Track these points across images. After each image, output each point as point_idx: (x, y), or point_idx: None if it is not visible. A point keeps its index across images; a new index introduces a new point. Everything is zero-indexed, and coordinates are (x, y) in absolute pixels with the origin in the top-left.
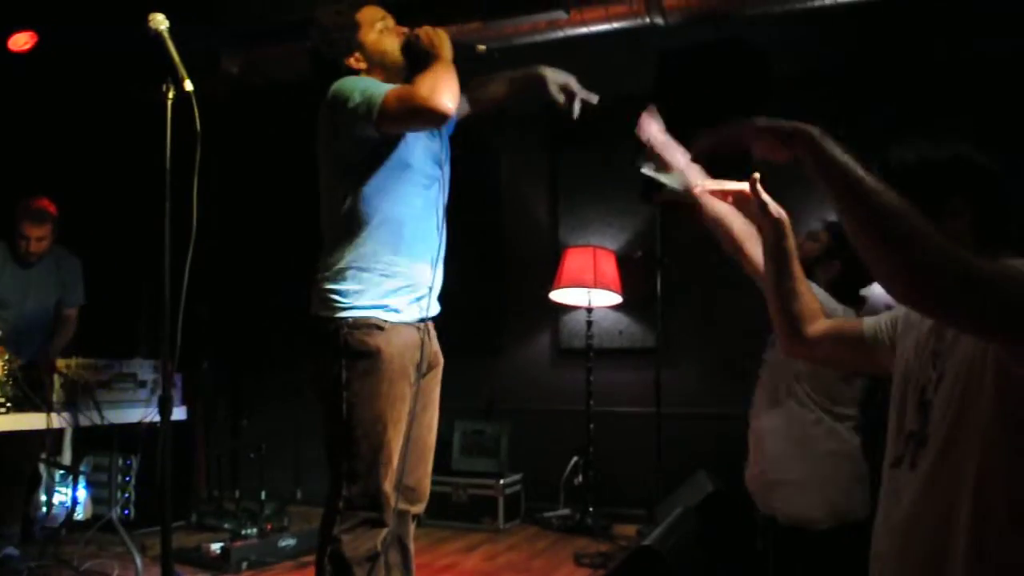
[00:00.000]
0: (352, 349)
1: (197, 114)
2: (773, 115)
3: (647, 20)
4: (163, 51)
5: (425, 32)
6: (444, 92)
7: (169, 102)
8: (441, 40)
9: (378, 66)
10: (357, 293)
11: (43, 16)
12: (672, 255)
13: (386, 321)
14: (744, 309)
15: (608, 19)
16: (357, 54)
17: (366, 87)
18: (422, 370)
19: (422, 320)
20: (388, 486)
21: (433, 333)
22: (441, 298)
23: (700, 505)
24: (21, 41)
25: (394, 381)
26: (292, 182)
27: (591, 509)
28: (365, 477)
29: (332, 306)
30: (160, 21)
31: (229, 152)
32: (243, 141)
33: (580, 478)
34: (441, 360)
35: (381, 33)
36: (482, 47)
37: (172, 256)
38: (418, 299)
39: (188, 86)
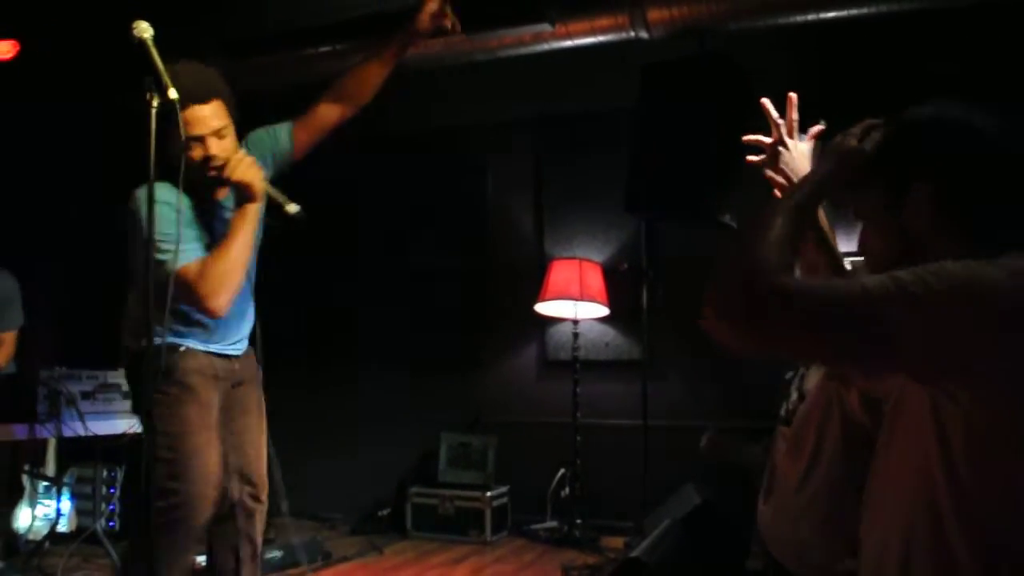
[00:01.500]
0: None
1: (181, 122)
2: (755, 130)
3: (631, 34)
4: (147, 59)
5: (235, 168)
6: (225, 293)
7: (153, 110)
8: (252, 178)
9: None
10: None
11: (26, 25)
12: (658, 267)
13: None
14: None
15: (593, 32)
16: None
17: (164, 239)
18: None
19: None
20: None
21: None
22: (425, 311)
23: (687, 517)
24: (3, 49)
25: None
26: (286, 195)
27: (578, 521)
28: None
29: None
30: (144, 29)
31: None
32: None
33: (567, 490)
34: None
35: (199, 144)
36: (293, 208)
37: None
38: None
39: (173, 94)
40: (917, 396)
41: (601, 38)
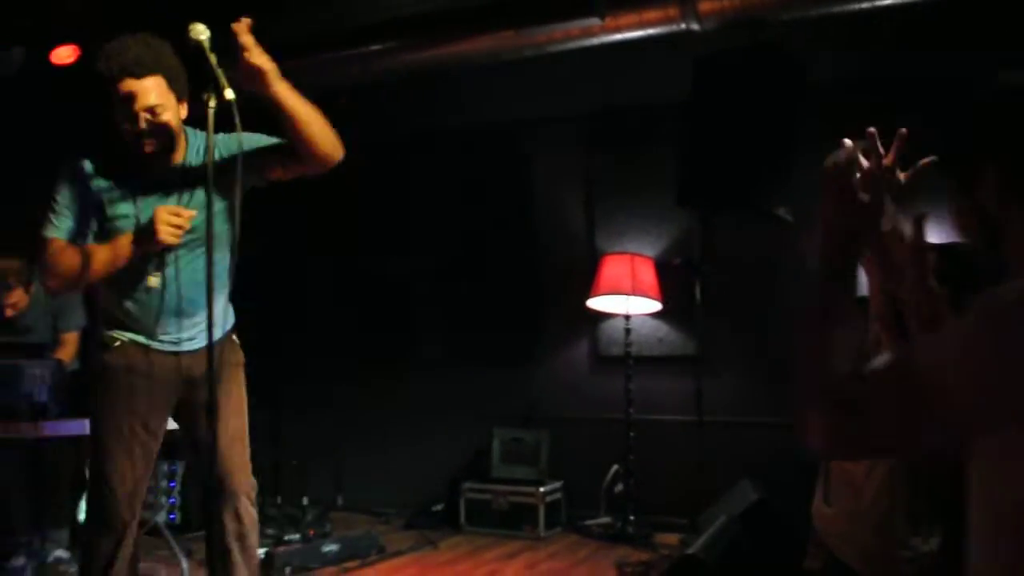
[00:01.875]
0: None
1: (239, 122)
2: (808, 121)
3: (682, 26)
4: (203, 61)
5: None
6: (58, 272)
7: (211, 111)
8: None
9: None
10: None
11: (86, 30)
12: (712, 261)
13: None
14: (787, 316)
15: (642, 25)
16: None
17: (50, 209)
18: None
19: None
20: None
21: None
22: (477, 307)
23: (744, 514)
24: (64, 55)
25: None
26: (329, 191)
27: (632, 518)
28: None
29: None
30: (200, 31)
31: None
32: None
33: (620, 486)
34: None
35: (132, 120)
36: (229, 94)
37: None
38: None
39: (229, 95)
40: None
41: (651, 31)
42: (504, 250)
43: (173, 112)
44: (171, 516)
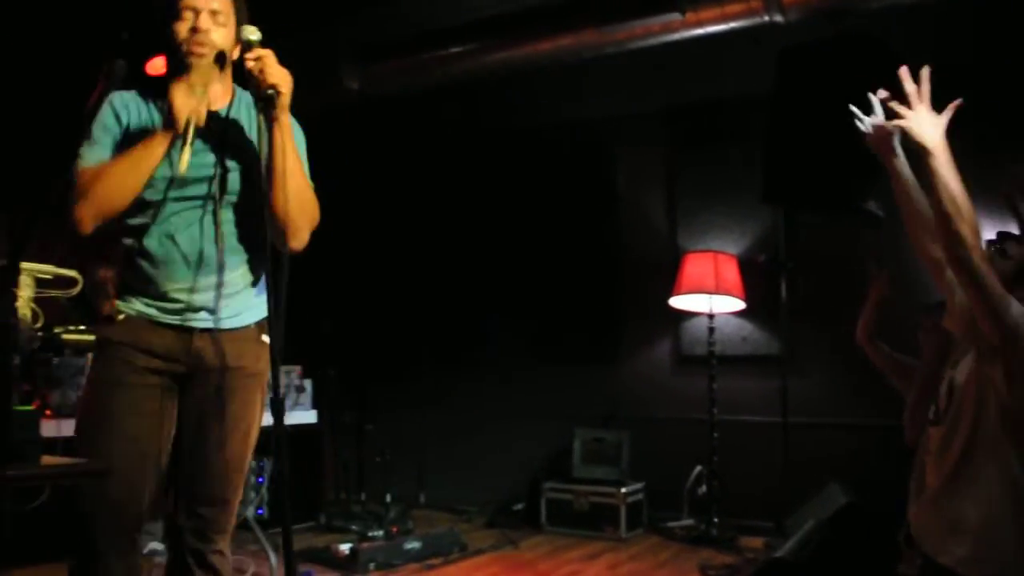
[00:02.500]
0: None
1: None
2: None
3: (765, 18)
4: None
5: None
6: (94, 200)
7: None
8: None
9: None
10: None
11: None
12: (797, 259)
13: None
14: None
15: (724, 19)
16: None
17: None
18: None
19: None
20: None
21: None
22: (559, 306)
23: (834, 518)
24: (159, 65)
25: None
26: (412, 194)
27: (716, 520)
28: None
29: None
30: (251, 31)
31: (351, 164)
32: (364, 153)
33: (704, 488)
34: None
35: (191, 14)
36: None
37: (295, 266)
38: None
39: (271, 93)
40: None
41: (733, 24)
42: (586, 248)
43: (230, 30)
44: (259, 510)
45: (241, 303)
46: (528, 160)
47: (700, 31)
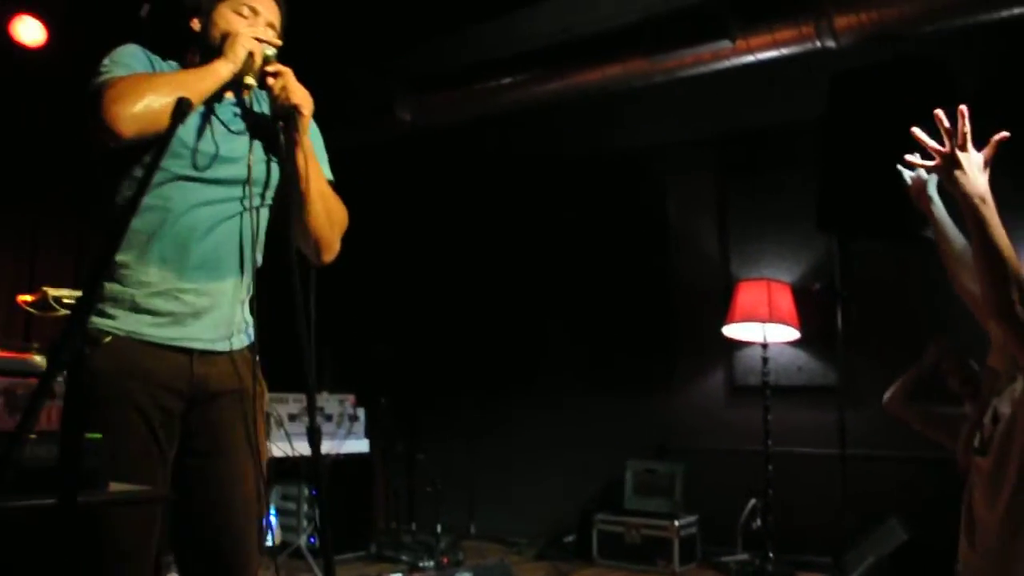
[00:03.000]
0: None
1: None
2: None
3: (817, 44)
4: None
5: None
6: (135, 99)
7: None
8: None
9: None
10: None
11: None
12: (853, 287)
13: None
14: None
15: (776, 45)
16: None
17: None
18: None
19: None
20: None
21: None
22: (610, 335)
23: (894, 554)
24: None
25: None
26: (464, 222)
27: (771, 555)
28: None
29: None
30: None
31: (404, 193)
32: (416, 182)
33: (759, 521)
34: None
35: (247, 9)
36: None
37: (347, 291)
38: None
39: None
40: None
41: (784, 51)
42: (638, 277)
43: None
44: (311, 539)
45: (241, 320)
46: (579, 189)
47: (751, 58)
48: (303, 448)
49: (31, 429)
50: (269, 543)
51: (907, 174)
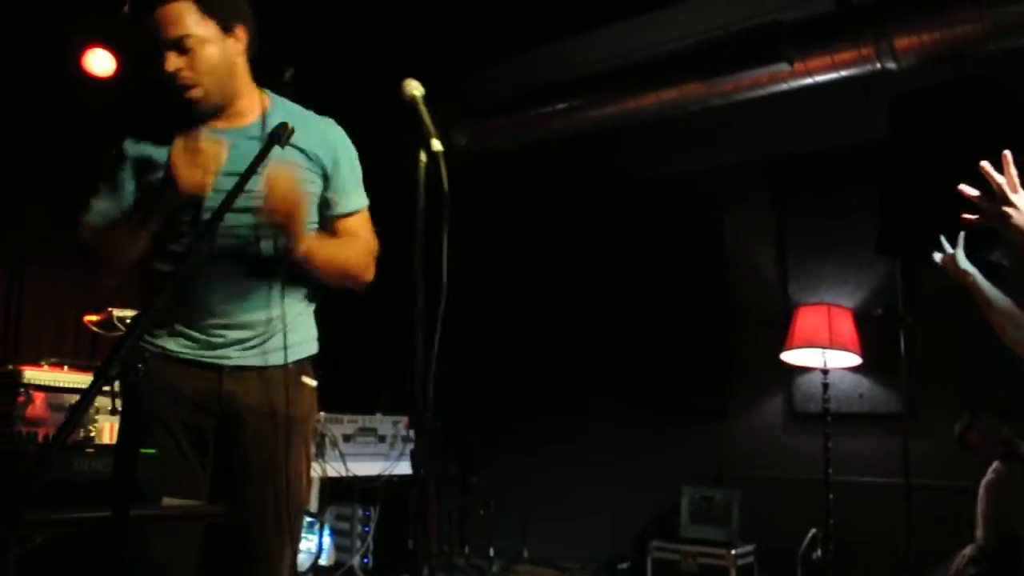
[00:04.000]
0: None
1: (445, 174)
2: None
3: (877, 65)
4: (417, 116)
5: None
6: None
7: (422, 165)
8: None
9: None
10: None
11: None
12: (917, 312)
13: None
14: (1008, 371)
15: (835, 67)
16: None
17: None
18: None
19: None
20: None
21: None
22: (666, 360)
23: None
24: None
25: None
26: (517, 247)
27: None
28: None
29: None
30: (415, 87)
31: (460, 218)
32: (472, 208)
33: (819, 552)
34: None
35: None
36: (437, 145)
37: (401, 317)
38: None
39: (436, 146)
40: None
41: (843, 73)
42: (694, 301)
43: (216, 46)
44: (365, 559)
45: (280, 339)
46: (634, 213)
47: (809, 80)
48: (357, 468)
49: (64, 441)
50: (324, 562)
51: (937, 256)
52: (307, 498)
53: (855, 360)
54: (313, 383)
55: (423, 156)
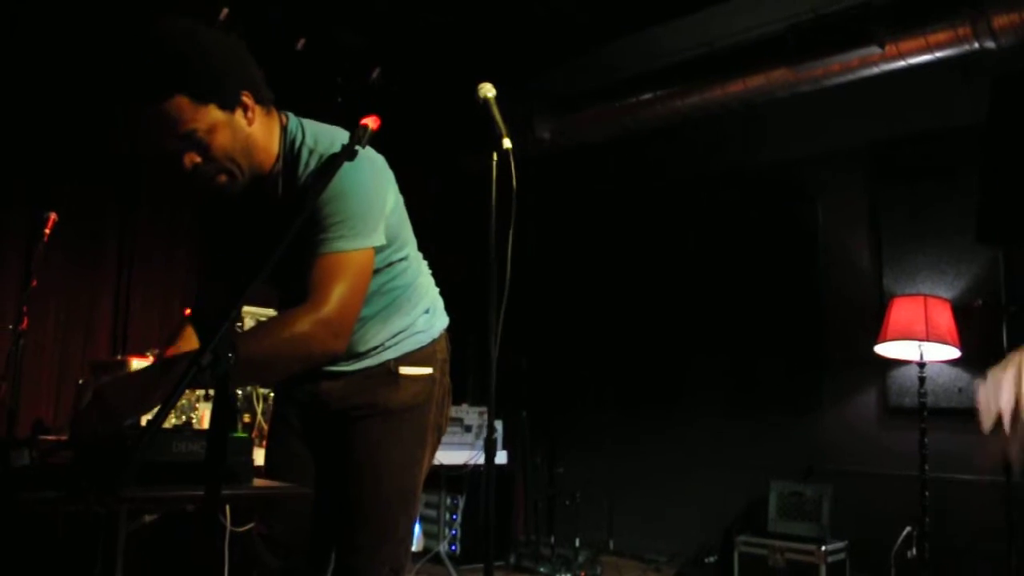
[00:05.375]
0: None
1: (514, 172)
2: None
3: (975, 45)
4: (489, 117)
5: None
6: None
7: (494, 163)
8: None
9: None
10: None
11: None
12: (1021, 302)
13: None
14: None
15: (929, 49)
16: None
17: None
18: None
19: None
20: None
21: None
22: (757, 352)
23: None
24: (370, 125)
25: None
26: (605, 238)
27: None
28: None
29: None
30: (488, 89)
31: (543, 211)
32: (561, 201)
33: (914, 550)
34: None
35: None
36: (507, 143)
37: (493, 309)
38: None
39: (507, 144)
40: None
41: (938, 54)
42: (786, 292)
43: (226, 129)
44: (452, 547)
45: (373, 344)
46: (726, 202)
47: (902, 63)
48: (444, 457)
49: (161, 425)
50: (412, 548)
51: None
52: (416, 485)
53: (954, 353)
54: (418, 372)
55: (496, 157)
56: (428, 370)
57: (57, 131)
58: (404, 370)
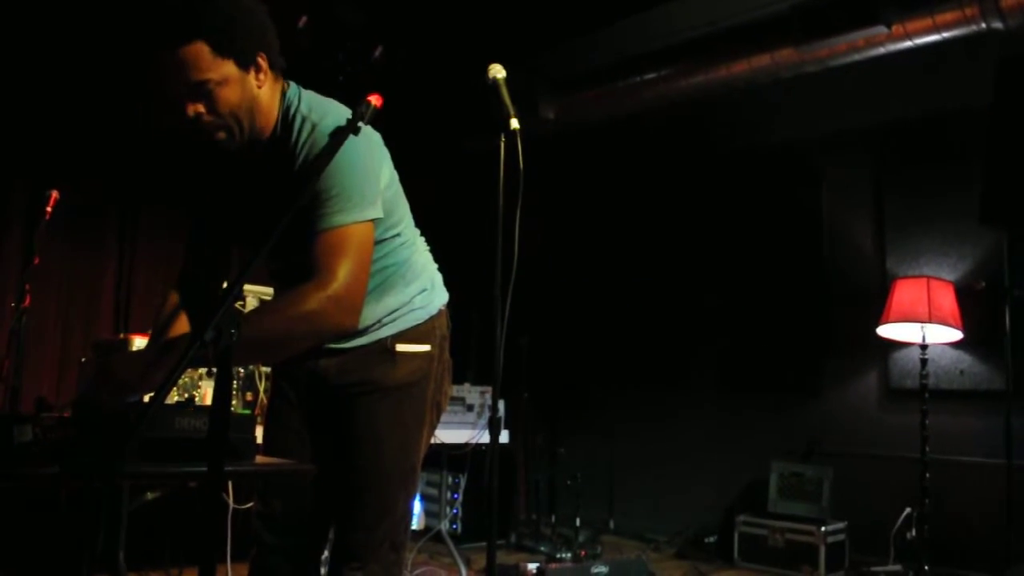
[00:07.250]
0: None
1: (521, 152)
2: None
3: (983, 26)
4: (497, 97)
5: None
6: None
7: (502, 144)
8: None
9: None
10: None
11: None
12: (1023, 285)
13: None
14: None
15: (936, 29)
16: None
17: None
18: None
19: None
20: None
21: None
22: (758, 333)
23: None
24: (374, 102)
25: None
26: (609, 219)
27: (926, 568)
28: None
29: None
30: (499, 70)
31: (548, 192)
32: (565, 182)
33: (913, 532)
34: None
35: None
36: (515, 123)
37: (497, 288)
38: None
39: (514, 124)
40: None
41: (945, 35)
42: (788, 273)
43: (236, 85)
44: (453, 525)
45: (368, 321)
46: (730, 184)
47: (908, 44)
48: (445, 436)
49: (163, 401)
50: (413, 526)
51: None
52: (415, 461)
53: (956, 335)
54: (415, 349)
55: (503, 138)
56: (426, 347)
57: (59, 108)
58: (401, 347)
